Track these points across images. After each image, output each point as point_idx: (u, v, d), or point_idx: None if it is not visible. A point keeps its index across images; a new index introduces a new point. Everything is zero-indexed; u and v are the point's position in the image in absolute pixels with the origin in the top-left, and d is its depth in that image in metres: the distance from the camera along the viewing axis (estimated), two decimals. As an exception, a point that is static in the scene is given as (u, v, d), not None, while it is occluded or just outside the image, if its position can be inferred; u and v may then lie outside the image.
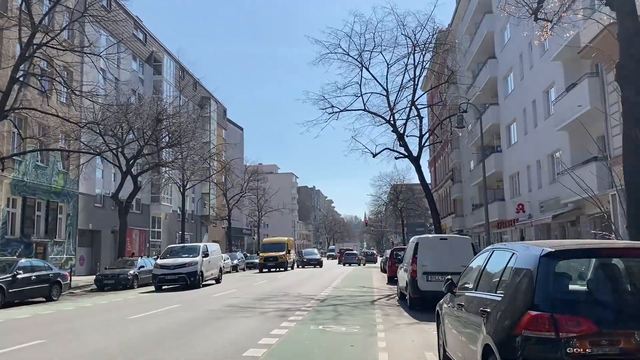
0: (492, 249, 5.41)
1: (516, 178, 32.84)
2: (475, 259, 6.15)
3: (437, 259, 13.37)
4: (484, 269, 5.33)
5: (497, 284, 4.74)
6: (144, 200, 45.53)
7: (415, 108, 28.99)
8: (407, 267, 14.28)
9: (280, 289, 20.91)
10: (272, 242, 41.39)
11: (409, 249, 15.03)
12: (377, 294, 18.63)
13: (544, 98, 27.02)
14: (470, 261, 6.41)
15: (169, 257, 23.65)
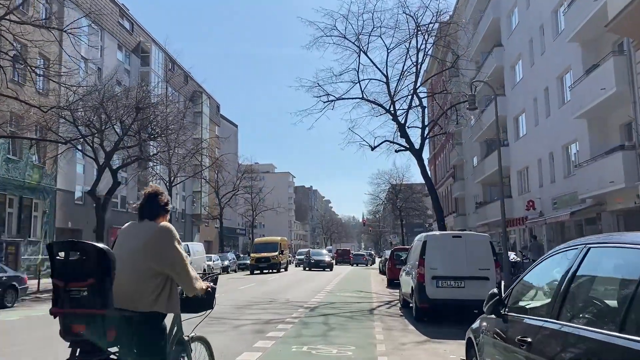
0: (585, 246, 3.06)
1: (525, 173, 30.63)
2: (540, 265, 3.85)
3: (449, 261, 11.13)
4: (574, 282, 3.02)
5: (624, 314, 2.40)
6: (130, 197, 43.20)
7: (417, 97, 26.72)
8: (412, 271, 12.02)
9: (268, 293, 18.64)
10: (264, 242, 39.09)
11: (414, 248, 12.76)
12: (376, 300, 16.38)
13: (557, 85, 24.81)
14: (530, 267, 4.08)
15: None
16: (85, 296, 3.24)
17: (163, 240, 3.63)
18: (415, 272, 11.40)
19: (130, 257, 3.50)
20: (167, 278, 3.60)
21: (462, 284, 10.91)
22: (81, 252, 3.34)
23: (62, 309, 3.28)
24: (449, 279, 10.97)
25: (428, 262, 11.12)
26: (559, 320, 2.91)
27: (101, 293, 3.22)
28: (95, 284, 3.23)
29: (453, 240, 11.42)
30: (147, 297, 3.45)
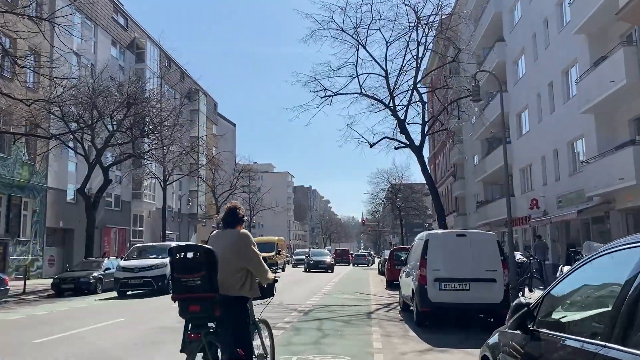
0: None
1: (528, 171, 29.82)
2: (580, 269, 2.97)
3: (454, 262, 10.31)
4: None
5: None
6: (124, 196, 42.38)
7: (418, 92, 25.94)
8: (413, 272, 11.20)
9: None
10: (260, 242, 38.01)
11: (415, 248, 11.93)
12: (374, 303, 15.55)
13: (563, 79, 24.01)
14: (565, 274, 3.19)
15: (134, 258, 20.51)
16: (198, 284, 4.38)
17: (243, 243, 4.77)
18: (417, 273, 10.58)
19: (221, 256, 4.54)
20: (248, 271, 4.74)
21: (467, 286, 10.10)
22: (194, 252, 4.48)
23: (181, 295, 4.48)
24: (452, 280, 10.15)
25: (430, 262, 10.30)
26: (625, 346, 2.07)
27: (210, 282, 4.36)
28: (206, 275, 4.35)
29: (457, 240, 10.59)
30: (235, 285, 4.62)
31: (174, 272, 4.62)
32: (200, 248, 4.53)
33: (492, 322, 10.74)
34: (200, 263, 4.45)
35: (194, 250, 4.57)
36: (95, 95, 24.89)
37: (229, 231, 4.90)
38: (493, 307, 10.15)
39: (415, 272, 10.73)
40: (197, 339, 4.51)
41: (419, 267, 10.41)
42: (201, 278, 4.40)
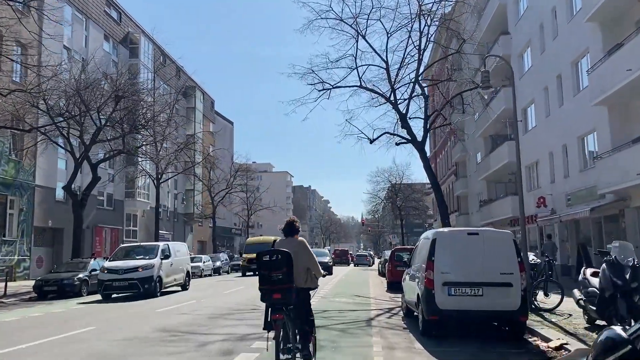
0: None
1: (534, 168, 28.66)
2: None
3: (465, 264, 9.17)
4: None
5: None
6: (117, 195, 41.21)
7: (420, 85, 24.79)
8: (418, 275, 10.04)
9: (254, 299, 16.53)
10: (257, 242, 36.97)
11: (420, 248, 10.76)
12: (374, 307, 14.38)
13: (572, 71, 22.86)
14: None
15: (120, 258, 19.34)
16: (280, 278, 6.03)
17: (304, 248, 6.56)
18: (422, 276, 9.42)
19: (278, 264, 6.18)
20: (308, 269, 6.53)
21: (479, 291, 8.94)
22: (278, 255, 6.10)
23: (269, 286, 6.09)
24: (463, 285, 8.99)
25: (438, 264, 9.14)
26: None
27: (289, 276, 6.04)
28: (286, 272, 6.02)
29: (469, 238, 9.42)
30: (302, 280, 6.43)
31: (261, 270, 6.18)
32: (281, 252, 6.11)
33: (507, 332, 9.59)
34: (282, 262, 6.03)
35: (278, 253, 6.11)
36: (81, 88, 23.70)
37: (290, 239, 6.60)
38: (509, 315, 9.00)
39: (421, 275, 9.57)
40: (281, 319, 6.07)
41: (425, 270, 9.25)
42: (282, 274, 6.01)
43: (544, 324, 10.12)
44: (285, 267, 6.00)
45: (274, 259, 6.07)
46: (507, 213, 30.61)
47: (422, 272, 9.48)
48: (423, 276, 9.38)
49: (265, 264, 6.11)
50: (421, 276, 9.57)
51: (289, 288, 6.02)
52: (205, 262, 36.94)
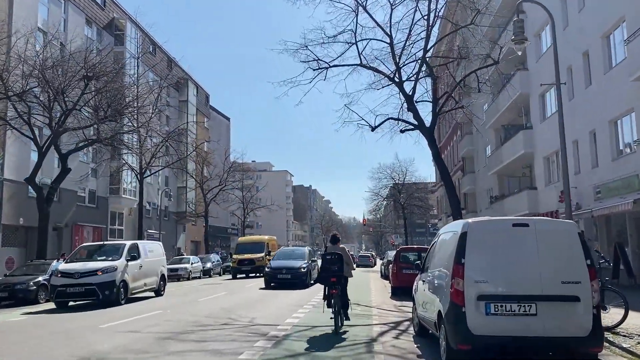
0: None
1: (554, 159, 25.77)
2: None
3: (510, 268, 6.37)
4: None
5: None
6: (100, 191, 38.42)
7: (427, 65, 22.01)
8: (439, 283, 7.21)
9: (231, 309, 13.79)
10: (248, 242, 34.17)
11: (440, 246, 7.90)
12: (377, 321, 11.54)
13: (603, 45, 20.03)
14: None
15: (78, 260, 16.52)
16: (336, 270, 9.95)
17: (345, 252, 10.38)
18: (447, 286, 6.60)
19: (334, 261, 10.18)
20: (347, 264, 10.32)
21: (531, 308, 6.14)
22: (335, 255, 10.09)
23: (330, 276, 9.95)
24: (508, 299, 6.19)
25: (471, 270, 6.33)
26: None
27: (341, 268, 9.97)
28: (340, 265, 9.97)
29: (514, 232, 6.55)
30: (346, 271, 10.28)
31: (325, 264, 10.28)
32: (337, 254, 10.20)
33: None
34: (337, 260, 10.06)
35: (333, 254, 10.19)
36: (46, 66, 20.91)
37: (336, 246, 10.65)
38: (576, 344, 6.18)
39: (444, 285, 6.75)
40: (336, 293, 9.94)
41: (452, 277, 6.42)
42: (337, 267, 9.99)
43: (613, 350, 7.30)
44: (339, 263, 10.06)
45: (332, 258, 10.13)
46: (523, 209, 27.73)
47: (447, 281, 6.65)
48: (448, 286, 6.56)
49: (327, 260, 10.18)
50: (444, 286, 6.75)
51: (340, 275, 10.06)
52: (193, 263, 34.16)
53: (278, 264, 22.25)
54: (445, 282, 6.71)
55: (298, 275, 21.67)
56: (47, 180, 26.68)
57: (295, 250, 26.48)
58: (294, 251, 25.72)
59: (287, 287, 20.50)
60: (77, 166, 34.01)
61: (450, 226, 7.80)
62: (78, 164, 34.42)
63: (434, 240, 8.62)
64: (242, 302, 15.50)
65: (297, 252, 24.89)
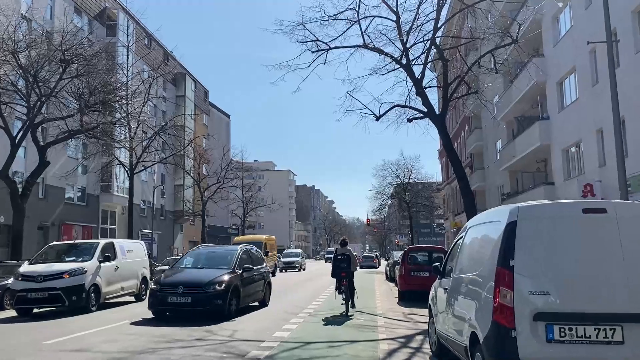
0: None
1: (575, 151, 23.75)
2: None
3: (581, 275, 4.36)
4: None
5: None
6: (91, 189, 36.59)
7: (437, 47, 20.04)
8: (470, 291, 5.24)
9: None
10: (244, 242, 32.12)
11: (472, 243, 5.88)
12: (385, 336, 9.56)
13: (634, 21, 18.01)
14: None
15: (44, 261, 14.60)
16: (345, 267, 13.43)
17: (352, 254, 13.90)
18: (485, 298, 4.64)
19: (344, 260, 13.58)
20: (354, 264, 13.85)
21: (616, 333, 4.20)
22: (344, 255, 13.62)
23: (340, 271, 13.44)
24: (582, 320, 4.22)
25: (524, 277, 4.38)
26: None
27: (349, 266, 13.46)
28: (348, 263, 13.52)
29: (586, 221, 4.57)
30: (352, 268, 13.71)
31: (335, 262, 13.59)
32: (346, 254, 13.60)
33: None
34: (345, 259, 13.47)
35: (343, 255, 13.60)
36: (19, 49, 19.04)
37: (345, 248, 13.79)
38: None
39: (481, 297, 4.78)
40: (346, 284, 13.02)
41: (496, 287, 4.46)
42: (346, 264, 13.35)
43: None
44: (348, 262, 13.56)
45: (342, 257, 13.62)
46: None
47: (485, 292, 4.68)
48: (487, 300, 4.59)
49: (338, 260, 13.60)
50: (481, 299, 4.78)
51: (348, 271, 13.47)
52: (186, 264, 32.20)
53: (175, 277, 12.54)
54: (483, 294, 4.74)
55: (207, 297, 11.58)
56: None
57: (217, 251, 15.09)
58: (213, 252, 14.48)
59: (186, 320, 11.53)
60: (65, 162, 32.24)
61: (486, 215, 5.81)
62: (66, 159, 32.65)
63: (459, 236, 6.64)
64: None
65: (218, 254, 14.18)
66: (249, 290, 13.23)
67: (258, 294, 14.11)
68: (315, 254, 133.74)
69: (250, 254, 14.29)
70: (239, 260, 13.08)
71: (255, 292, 13.85)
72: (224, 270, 12.46)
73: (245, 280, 12.95)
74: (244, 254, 13.66)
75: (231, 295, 11.86)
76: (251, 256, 14.26)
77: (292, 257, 44.04)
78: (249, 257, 13.92)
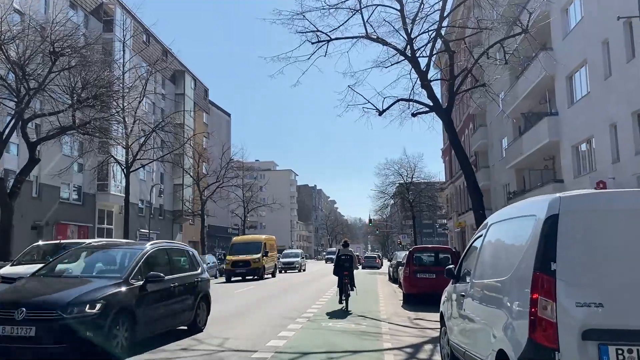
0: None
1: (587, 147, 22.85)
2: None
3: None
4: None
5: None
6: (87, 188, 35.78)
7: (442, 39, 19.19)
8: (496, 300, 4.35)
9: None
10: (244, 242, 31.36)
11: (500, 240, 4.99)
12: (388, 345, 8.69)
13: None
14: None
15: (26, 262, 13.72)
16: (348, 266, 14.98)
17: (353, 254, 15.68)
18: (518, 310, 3.75)
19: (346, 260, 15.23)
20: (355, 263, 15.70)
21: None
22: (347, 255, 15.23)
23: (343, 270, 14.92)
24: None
25: (567, 284, 3.49)
26: None
27: (351, 265, 15.10)
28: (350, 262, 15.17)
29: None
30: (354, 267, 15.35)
31: (339, 262, 15.16)
32: (348, 255, 15.20)
33: None
34: (348, 259, 15.07)
35: (345, 255, 15.21)
36: (5, 40, 18.21)
37: (347, 249, 15.47)
38: None
39: (513, 308, 3.91)
40: (347, 282, 14.54)
41: (533, 296, 3.58)
42: (349, 264, 14.97)
43: None
44: (350, 261, 15.05)
45: (345, 257, 15.07)
46: (548, 205, 24.81)
47: (517, 302, 3.80)
48: (520, 312, 3.71)
49: (342, 259, 15.06)
50: (513, 310, 3.91)
51: (350, 270, 14.90)
52: (184, 265, 31.30)
53: (15, 293, 7.74)
54: (514, 304, 3.87)
55: (66, 327, 6.81)
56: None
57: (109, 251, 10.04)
58: (104, 253, 9.69)
59: None
60: (60, 160, 31.46)
61: (514, 209, 4.92)
62: (61, 157, 31.86)
63: (478, 234, 5.77)
64: (223, 314, 12.68)
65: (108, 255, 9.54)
66: (159, 311, 8.42)
67: (180, 316, 9.27)
68: (317, 254, 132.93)
69: (170, 256, 9.47)
70: (139, 265, 8.26)
71: (174, 313, 8.98)
72: (111, 280, 7.80)
73: (149, 296, 8.12)
74: (152, 256, 8.80)
75: (115, 322, 7.23)
76: (170, 260, 9.43)
77: (291, 257, 42.94)
78: (165, 261, 9.18)
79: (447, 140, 58.95)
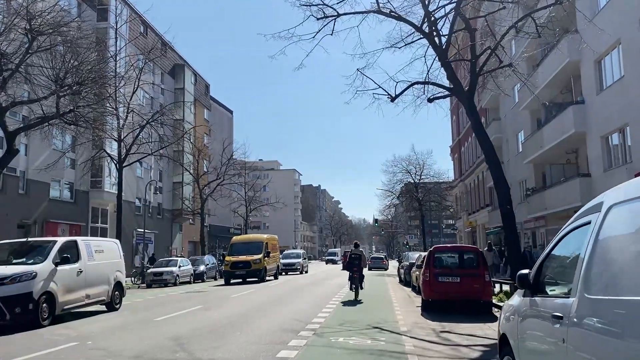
0: None
1: (619, 137, 20.81)
2: None
3: None
4: None
5: None
6: (79, 184, 33.92)
7: (462, 17, 17.27)
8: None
9: (189, 336, 9.05)
10: (244, 241, 29.45)
11: (625, 234, 3.05)
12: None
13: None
14: None
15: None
16: (357, 263, 17.78)
17: (363, 254, 18.64)
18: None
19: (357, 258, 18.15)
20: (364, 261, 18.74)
21: None
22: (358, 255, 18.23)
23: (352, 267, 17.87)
24: None
25: None
26: None
27: (360, 264, 17.85)
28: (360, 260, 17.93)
29: None
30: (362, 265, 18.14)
31: (351, 260, 17.98)
32: (358, 255, 18.03)
33: None
34: (358, 258, 17.83)
35: (356, 254, 18.07)
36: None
37: (357, 249, 18.54)
38: None
39: None
40: (357, 277, 17.36)
41: None
42: (358, 262, 17.71)
43: None
44: (359, 260, 17.73)
45: (355, 257, 17.80)
46: (573, 201, 22.76)
47: None
48: None
49: (352, 258, 17.77)
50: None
51: (359, 267, 17.54)
52: (182, 266, 29.48)
53: None
54: None
55: None
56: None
57: None
58: None
59: None
60: (50, 154, 29.63)
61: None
62: (51, 152, 30.03)
63: (578, 223, 3.81)
64: (207, 325, 10.70)
65: None
66: None
67: None
68: (321, 255, 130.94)
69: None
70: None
71: None
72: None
73: None
74: None
75: None
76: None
77: (292, 258, 40.17)
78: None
79: (456, 136, 56.95)
